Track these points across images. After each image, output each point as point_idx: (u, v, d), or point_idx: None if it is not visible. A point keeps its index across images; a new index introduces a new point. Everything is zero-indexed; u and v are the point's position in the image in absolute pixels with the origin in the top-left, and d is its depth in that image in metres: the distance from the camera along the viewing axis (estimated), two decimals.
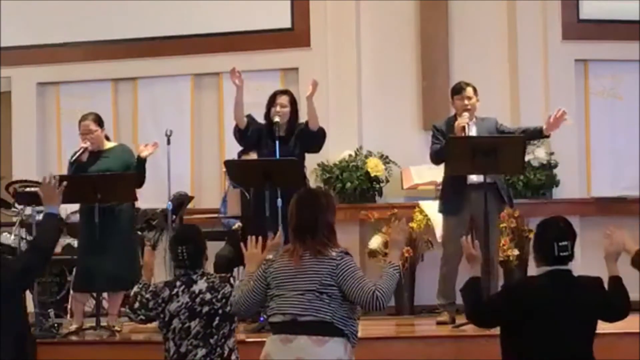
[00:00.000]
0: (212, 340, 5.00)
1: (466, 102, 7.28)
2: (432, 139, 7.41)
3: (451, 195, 7.28)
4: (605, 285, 4.58)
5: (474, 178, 7.17)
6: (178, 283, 5.09)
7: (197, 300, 5.02)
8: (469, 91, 7.33)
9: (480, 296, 4.69)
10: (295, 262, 4.42)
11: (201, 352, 4.99)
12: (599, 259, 4.63)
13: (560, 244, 4.48)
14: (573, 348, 4.40)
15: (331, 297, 4.37)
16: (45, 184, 5.11)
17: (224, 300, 4.98)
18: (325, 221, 4.51)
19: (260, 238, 4.88)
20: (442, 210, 7.46)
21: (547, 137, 7.39)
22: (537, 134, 7.29)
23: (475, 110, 7.34)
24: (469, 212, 7.17)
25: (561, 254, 4.48)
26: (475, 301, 4.66)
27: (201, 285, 5.05)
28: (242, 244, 4.93)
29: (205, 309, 5.01)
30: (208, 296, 5.02)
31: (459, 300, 7.19)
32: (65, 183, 5.22)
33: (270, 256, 4.56)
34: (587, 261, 6.30)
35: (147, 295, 5.14)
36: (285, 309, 4.39)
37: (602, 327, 4.70)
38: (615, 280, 4.58)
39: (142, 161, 7.37)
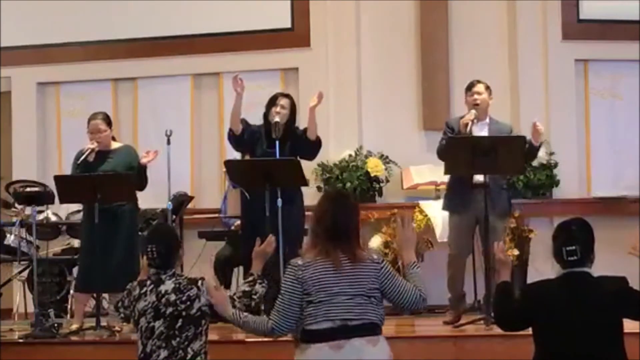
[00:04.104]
0: (174, 342, 4.88)
1: (475, 96, 7.24)
2: (442, 135, 7.37)
3: (457, 192, 7.22)
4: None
5: (479, 178, 7.12)
6: (148, 282, 5.01)
7: (163, 300, 4.92)
8: (479, 87, 7.30)
9: (510, 300, 4.65)
10: (338, 266, 4.34)
11: (163, 353, 4.87)
12: (600, 258, 4.61)
13: (567, 248, 4.45)
14: (592, 349, 4.36)
15: (377, 300, 4.37)
16: None
17: (188, 303, 4.88)
18: (357, 224, 4.49)
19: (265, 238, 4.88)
20: (447, 207, 7.39)
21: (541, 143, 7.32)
22: (532, 147, 7.19)
23: (486, 107, 7.28)
24: (474, 212, 7.12)
25: (569, 258, 4.46)
26: (503, 305, 4.64)
27: (168, 285, 4.94)
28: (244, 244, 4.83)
29: (169, 310, 4.90)
30: (173, 297, 4.91)
31: (467, 299, 7.23)
32: None
33: (300, 262, 4.41)
34: None
35: (125, 293, 5.10)
36: (334, 314, 4.29)
37: None
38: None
39: (142, 168, 7.39)
